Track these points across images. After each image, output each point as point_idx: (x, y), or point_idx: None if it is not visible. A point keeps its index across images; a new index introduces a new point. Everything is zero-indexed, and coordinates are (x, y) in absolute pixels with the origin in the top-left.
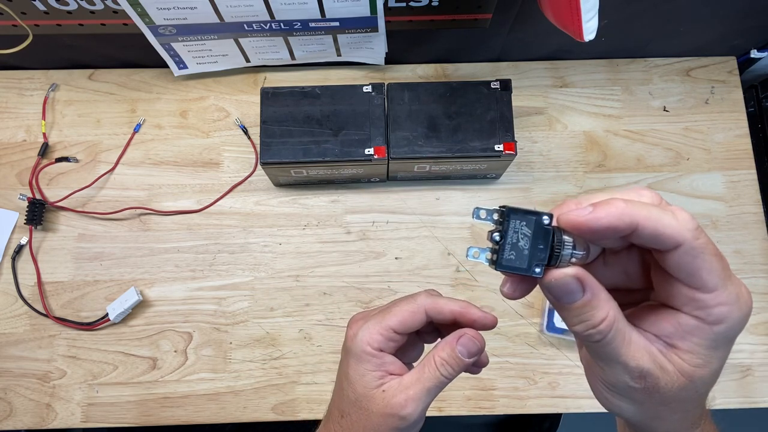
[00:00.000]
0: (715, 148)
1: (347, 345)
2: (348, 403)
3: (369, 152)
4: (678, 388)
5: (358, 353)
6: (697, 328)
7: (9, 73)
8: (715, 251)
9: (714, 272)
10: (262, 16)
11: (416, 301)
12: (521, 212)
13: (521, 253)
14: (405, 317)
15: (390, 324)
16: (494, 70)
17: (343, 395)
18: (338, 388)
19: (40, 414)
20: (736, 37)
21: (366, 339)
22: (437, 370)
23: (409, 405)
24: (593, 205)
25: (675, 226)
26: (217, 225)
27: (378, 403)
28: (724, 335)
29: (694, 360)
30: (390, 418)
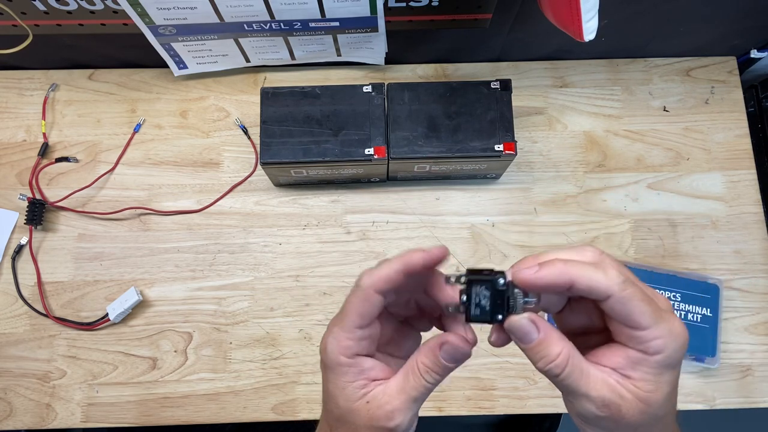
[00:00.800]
0: (715, 148)
1: (322, 359)
2: (334, 419)
3: (369, 152)
4: (639, 413)
5: (333, 366)
6: (641, 359)
7: (9, 73)
8: (643, 296)
9: (644, 314)
10: (262, 16)
11: (360, 287)
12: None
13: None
14: (359, 308)
15: (350, 323)
16: (494, 70)
17: (328, 410)
18: (324, 403)
19: (40, 414)
20: (736, 37)
21: (336, 349)
22: (422, 377)
23: (396, 416)
24: (539, 265)
25: (603, 281)
26: (217, 225)
27: (363, 416)
28: (665, 363)
29: (645, 386)
30: (378, 430)
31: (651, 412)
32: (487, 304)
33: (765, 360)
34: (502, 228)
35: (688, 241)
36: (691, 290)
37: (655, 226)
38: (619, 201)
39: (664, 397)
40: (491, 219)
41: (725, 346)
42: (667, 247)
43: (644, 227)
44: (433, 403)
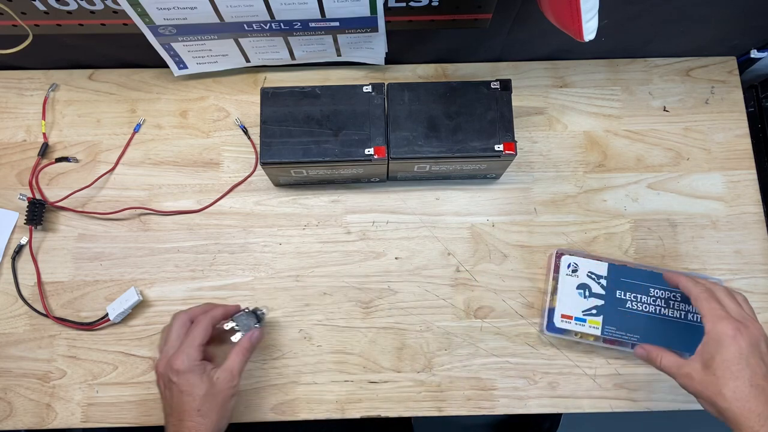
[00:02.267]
0: (715, 148)
1: (174, 369)
2: (200, 402)
3: (369, 152)
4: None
5: (187, 370)
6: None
7: (9, 73)
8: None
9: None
10: (262, 16)
11: (203, 321)
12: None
13: (246, 325)
14: (203, 333)
15: (197, 343)
16: (494, 70)
17: (192, 401)
18: (173, 407)
19: (40, 414)
20: (736, 37)
21: (188, 360)
22: (241, 354)
23: (234, 378)
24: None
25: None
26: (217, 225)
27: (219, 386)
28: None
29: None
30: (231, 389)
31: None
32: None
33: None
34: (502, 228)
35: (688, 241)
36: None
37: (655, 226)
38: (619, 201)
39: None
40: (491, 219)
41: None
42: (667, 247)
43: (644, 227)
44: (433, 403)
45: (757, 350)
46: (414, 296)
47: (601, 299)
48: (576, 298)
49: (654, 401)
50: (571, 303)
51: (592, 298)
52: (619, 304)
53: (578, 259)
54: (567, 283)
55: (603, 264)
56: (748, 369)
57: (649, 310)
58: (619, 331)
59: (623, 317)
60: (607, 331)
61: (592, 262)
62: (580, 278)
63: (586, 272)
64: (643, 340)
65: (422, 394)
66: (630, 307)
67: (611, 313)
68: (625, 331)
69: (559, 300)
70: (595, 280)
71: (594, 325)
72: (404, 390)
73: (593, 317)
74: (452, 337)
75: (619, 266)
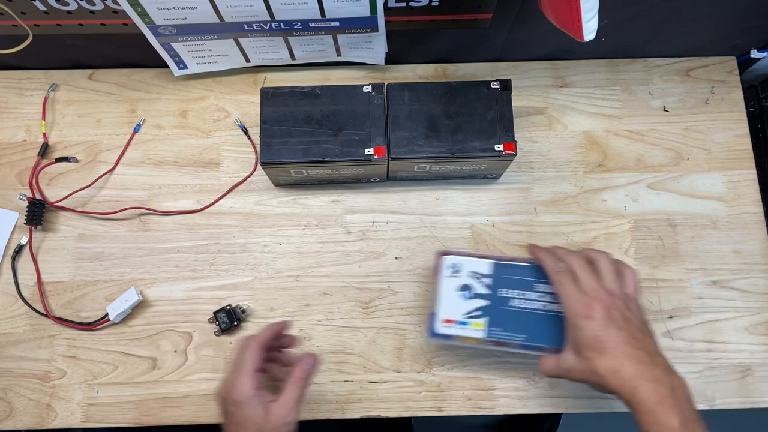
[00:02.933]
0: (715, 148)
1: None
2: None
3: (369, 152)
4: (571, 357)
5: (243, 401)
6: None
7: (9, 73)
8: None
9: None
10: (262, 16)
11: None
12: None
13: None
14: (254, 358)
15: (250, 369)
16: (494, 70)
17: None
18: None
19: (40, 414)
20: (736, 37)
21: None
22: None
23: (290, 414)
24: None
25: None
26: (217, 225)
27: (272, 422)
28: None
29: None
30: (283, 426)
31: (580, 356)
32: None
33: (765, 360)
34: (502, 228)
35: (688, 241)
36: None
37: (655, 226)
38: (619, 201)
39: (577, 344)
40: (491, 219)
41: (725, 346)
42: (667, 247)
43: (644, 227)
44: (433, 403)
45: (612, 319)
46: (414, 296)
47: (485, 299)
48: (458, 300)
49: None
50: (453, 306)
51: (476, 299)
52: (504, 303)
53: (460, 258)
54: (448, 284)
55: (486, 262)
56: (609, 341)
57: (535, 307)
58: (504, 332)
59: (509, 317)
60: (492, 333)
61: (475, 260)
62: (462, 279)
63: (468, 272)
64: (530, 340)
65: (422, 394)
66: (515, 305)
67: (496, 313)
68: (512, 332)
69: (440, 303)
70: (478, 280)
71: (478, 327)
72: (404, 390)
73: (477, 319)
74: None
75: (504, 263)
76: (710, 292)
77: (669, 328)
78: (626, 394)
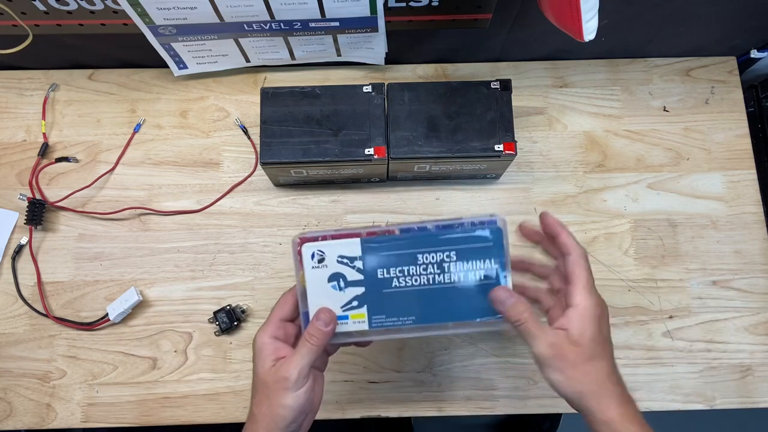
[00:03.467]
0: (715, 148)
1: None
2: (255, 385)
3: (369, 152)
4: (575, 352)
5: (259, 346)
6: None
7: (9, 73)
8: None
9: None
10: (262, 16)
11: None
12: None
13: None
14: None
15: (274, 317)
16: (494, 70)
17: (253, 386)
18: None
19: (40, 414)
20: (736, 37)
21: (261, 335)
22: (307, 342)
23: (291, 368)
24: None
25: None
26: (217, 225)
27: (272, 375)
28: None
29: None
30: (279, 381)
31: (583, 352)
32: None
33: (765, 360)
34: None
35: (688, 241)
36: (466, 243)
37: (655, 226)
38: (619, 201)
39: (593, 339)
40: None
41: (725, 346)
42: (667, 247)
43: (644, 227)
44: (433, 403)
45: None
46: None
47: (361, 286)
48: (330, 293)
49: (654, 401)
50: (325, 301)
51: (350, 288)
52: (384, 285)
53: (322, 244)
54: (315, 277)
55: (354, 242)
56: (608, 349)
57: (421, 283)
58: (389, 319)
59: (392, 300)
60: (376, 322)
61: (340, 243)
62: (329, 268)
63: (336, 258)
64: (421, 321)
65: (422, 394)
66: (397, 285)
67: (376, 299)
68: (397, 316)
69: (310, 301)
70: (348, 265)
71: (359, 319)
72: (404, 390)
73: (355, 310)
74: (452, 337)
75: (374, 239)
76: (710, 292)
77: (669, 328)
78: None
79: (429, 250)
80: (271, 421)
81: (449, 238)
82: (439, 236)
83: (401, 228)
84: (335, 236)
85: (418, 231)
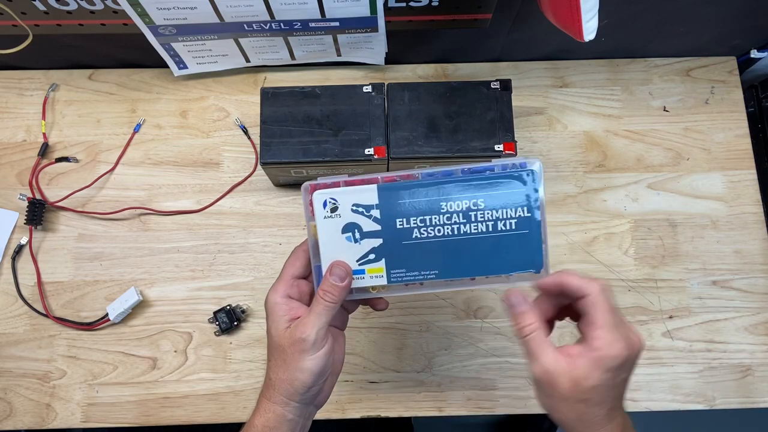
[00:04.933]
0: (715, 148)
1: (265, 307)
2: (270, 349)
3: (369, 152)
4: (568, 389)
5: (272, 306)
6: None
7: (9, 73)
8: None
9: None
10: (262, 16)
11: (296, 250)
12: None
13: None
14: (292, 261)
15: (286, 274)
16: (494, 70)
17: (268, 349)
18: (267, 348)
19: (40, 414)
20: (736, 37)
21: (274, 295)
22: (322, 299)
23: (307, 329)
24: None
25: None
26: (217, 225)
27: (287, 337)
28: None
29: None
30: (296, 344)
31: (579, 394)
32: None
33: (765, 360)
34: None
35: (688, 241)
36: (495, 189)
37: (655, 226)
38: (619, 201)
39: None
40: None
41: (725, 346)
42: (667, 247)
43: (644, 227)
44: (433, 403)
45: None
46: (414, 296)
47: (378, 237)
48: (344, 245)
49: (654, 401)
50: (339, 254)
51: (366, 240)
52: (403, 236)
53: (335, 191)
54: (328, 228)
55: (371, 188)
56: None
57: (445, 233)
58: (410, 273)
59: (413, 252)
60: (395, 276)
61: (355, 189)
62: (343, 218)
63: (350, 206)
64: (445, 275)
65: (422, 394)
66: (418, 236)
67: (395, 251)
68: (419, 270)
69: (322, 255)
70: (364, 215)
71: (376, 273)
72: (404, 390)
73: (372, 264)
74: (452, 337)
75: (394, 184)
76: (710, 292)
77: (669, 328)
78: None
79: (454, 197)
80: (289, 385)
81: (477, 183)
82: (465, 182)
83: (423, 173)
84: (349, 183)
85: (442, 176)
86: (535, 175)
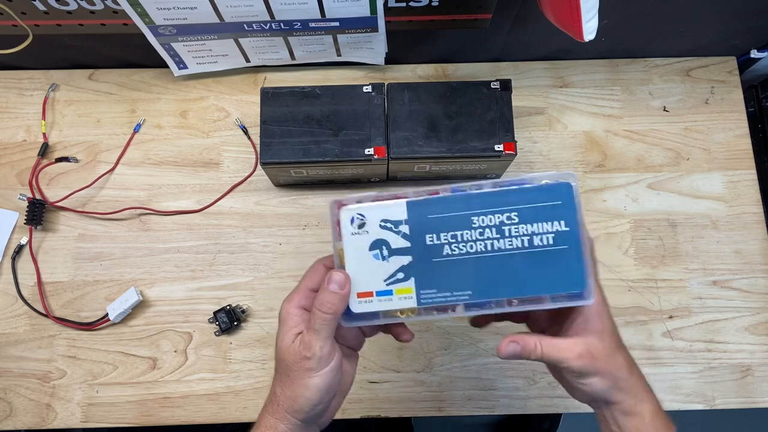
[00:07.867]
0: (715, 148)
1: (279, 314)
2: (277, 361)
3: (369, 152)
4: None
5: (284, 315)
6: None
7: (9, 73)
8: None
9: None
10: (262, 16)
11: (315, 264)
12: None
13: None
14: (310, 274)
15: (303, 286)
16: (494, 70)
17: (275, 358)
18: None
19: (40, 414)
20: (736, 37)
21: (287, 304)
22: (318, 311)
23: (310, 347)
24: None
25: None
26: (217, 225)
27: (291, 353)
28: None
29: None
30: (300, 362)
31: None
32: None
33: (765, 360)
34: None
35: (688, 241)
36: (530, 202)
37: (655, 226)
38: (619, 201)
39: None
40: None
41: (725, 346)
42: (667, 247)
43: (644, 227)
44: (433, 403)
45: None
46: None
47: (407, 254)
48: (371, 263)
49: None
50: (367, 273)
51: (395, 257)
52: (434, 253)
53: (363, 207)
54: (355, 245)
55: (400, 203)
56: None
57: (477, 250)
58: (441, 293)
59: (444, 271)
60: (426, 298)
61: (383, 205)
62: (371, 234)
63: (379, 223)
64: (479, 297)
65: (422, 394)
66: (449, 252)
67: (425, 270)
68: (451, 290)
69: (349, 274)
70: (393, 230)
71: (405, 294)
72: (404, 390)
73: (401, 284)
74: (452, 337)
75: (424, 200)
76: (710, 292)
77: (669, 328)
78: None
79: (486, 211)
80: (294, 402)
81: (509, 197)
82: (497, 195)
83: (453, 188)
84: (377, 198)
85: (473, 189)
86: (572, 187)
